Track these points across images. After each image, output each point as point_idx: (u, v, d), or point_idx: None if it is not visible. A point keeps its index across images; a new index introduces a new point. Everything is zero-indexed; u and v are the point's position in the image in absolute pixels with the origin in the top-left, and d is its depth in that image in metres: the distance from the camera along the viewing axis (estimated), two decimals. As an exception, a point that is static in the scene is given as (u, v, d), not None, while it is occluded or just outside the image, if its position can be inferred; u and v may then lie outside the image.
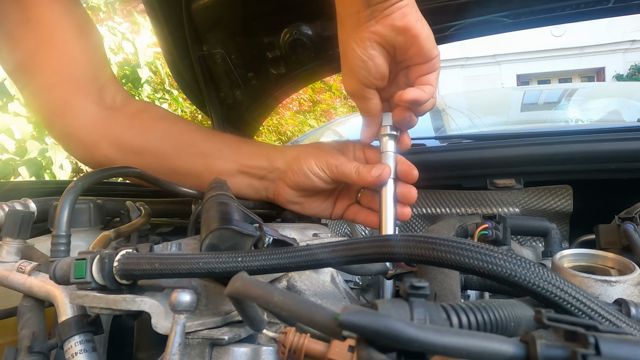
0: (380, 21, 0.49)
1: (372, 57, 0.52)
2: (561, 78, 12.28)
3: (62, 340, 0.39)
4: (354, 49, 0.52)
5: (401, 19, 0.49)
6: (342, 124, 2.43)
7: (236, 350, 0.36)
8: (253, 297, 0.26)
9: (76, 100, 0.66)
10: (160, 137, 0.67)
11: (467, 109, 1.88)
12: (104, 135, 0.66)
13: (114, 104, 0.69)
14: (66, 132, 0.68)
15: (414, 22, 0.50)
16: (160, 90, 4.57)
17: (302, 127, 5.64)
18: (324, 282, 0.48)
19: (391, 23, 0.49)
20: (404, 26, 0.49)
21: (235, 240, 0.39)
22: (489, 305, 0.27)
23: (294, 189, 0.63)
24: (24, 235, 0.49)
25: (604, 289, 0.40)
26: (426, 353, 0.21)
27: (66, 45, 0.65)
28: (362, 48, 0.51)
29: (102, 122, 0.66)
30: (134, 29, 3.88)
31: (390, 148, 0.58)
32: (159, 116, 0.70)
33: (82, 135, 0.67)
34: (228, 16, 1.04)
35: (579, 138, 0.80)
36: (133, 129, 0.67)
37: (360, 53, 0.52)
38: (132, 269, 0.36)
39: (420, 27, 0.50)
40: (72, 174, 3.20)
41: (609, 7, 0.89)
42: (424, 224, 0.90)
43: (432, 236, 0.31)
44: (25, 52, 0.64)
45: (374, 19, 0.49)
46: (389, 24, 0.49)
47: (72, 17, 0.66)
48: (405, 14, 0.49)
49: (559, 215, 0.82)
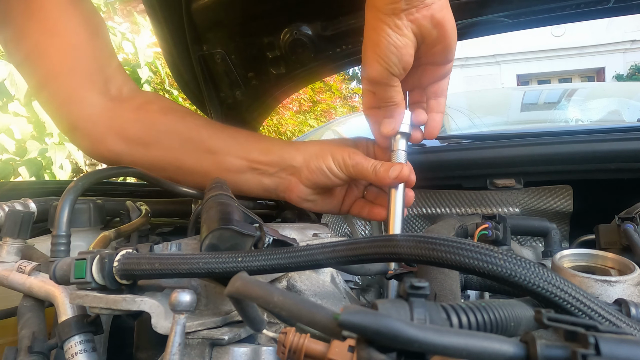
0: (421, 10, 0.49)
1: (406, 45, 0.51)
2: (561, 78, 12.28)
3: (62, 340, 0.39)
4: (389, 34, 0.50)
5: (440, 11, 0.49)
6: (342, 124, 2.43)
7: (236, 350, 0.36)
8: (253, 297, 0.26)
9: (82, 91, 0.65)
10: (166, 131, 0.66)
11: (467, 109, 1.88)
12: (110, 127, 0.66)
13: (120, 95, 0.68)
14: (73, 124, 0.67)
15: (450, 18, 0.50)
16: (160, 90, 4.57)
17: (302, 127, 5.64)
18: (324, 282, 0.48)
19: (431, 14, 0.49)
20: (441, 19, 0.50)
21: (235, 240, 0.39)
22: (489, 305, 0.27)
23: (309, 187, 0.62)
24: (24, 235, 0.49)
25: (604, 289, 0.40)
26: (426, 353, 0.21)
27: (71, 36, 0.65)
28: (398, 34, 0.50)
29: (108, 113, 0.66)
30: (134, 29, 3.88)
31: (400, 147, 0.58)
32: (166, 109, 0.69)
33: (89, 127, 0.66)
34: (228, 16, 1.04)
35: (579, 138, 0.80)
36: (139, 122, 0.66)
37: (395, 39, 0.50)
38: (132, 269, 0.36)
39: (453, 25, 0.51)
40: (72, 174, 3.20)
41: (609, 7, 0.89)
42: (424, 224, 0.90)
43: (432, 236, 0.31)
44: (31, 43, 0.64)
45: (415, 7, 0.49)
46: (428, 14, 0.49)
47: (78, 7, 0.66)
48: (442, 8, 0.50)
49: (559, 215, 0.82)
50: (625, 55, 11.74)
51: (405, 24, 0.50)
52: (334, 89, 6.12)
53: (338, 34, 1.01)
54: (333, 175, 0.59)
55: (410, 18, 0.49)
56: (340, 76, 6.39)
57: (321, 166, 0.59)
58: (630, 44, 11.58)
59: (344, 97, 7.01)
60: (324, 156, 0.59)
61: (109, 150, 0.66)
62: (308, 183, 0.61)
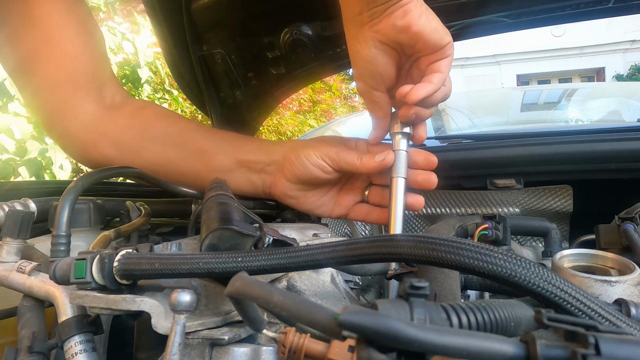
0: (383, 20, 0.49)
1: (376, 58, 0.51)
2: (561, 78, 12.28)
3: (62, 340, 0.39)
4: (358, 50, 0.51)
5: (402, 17, 0.49)
6: (342, 124, 2.43)
7: (236, 350, 0.36)
8: (253, 297, 0.26)
9: (76, 99, 0.65)
10: (159, 137, 0.66)
11: (467, 109, 1.88)
12: (103, 134, 0.66)
13: (114, 102, 0.69)
14: (65, 132, 0.68)
15: (416, 19, 0.49)
16: (160, 90, 4.57)
17: (302, 127, 5.64)
18: (324, 282, 0.48)
19: (393, 22, 0.49)
20: (405, 25, 0.49)
21: (235, 240, 0.39)
22: (489, 305, 0.27)
23: (290, 181, 0.61)
24: (24, 235, 0.49)
25: (604, 289, 0.40)
26: (426, 353, 0.21)
27: (67, 43, 0.65)
28: (365, 48, 0.51)
29: (101, 120, 0.66)
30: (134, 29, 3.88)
31: (401, 146, 0.56)
32: (159, 115, 0.69)
33: (81, 135, 0.66)
34: (228, 16, 1.04)
35: (579, 138, 0.80)
36: (132, 128, 0.67)
37: (364, 54, 0.51)
38: (132, 269, 0.36)
39: (424, 22, 0.49)
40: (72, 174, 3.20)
41: (609, 7, 0.89)
42: (424, 224, 0.90)
43: (432, 236, 0.31)
44: (26, 50, 0.64)
45: (377, 18, 0.49)
46: (390, 23, 0.49)
47: (75, 15, 0.66)
48: (407, 12, 0.48)
49: (559, 215, 0.82)
50: (625, 55, 11.74)
51: (371, 36, 0.50)
52: (334, 89, 6.13)
53: (338, 34, 1.01)
54: (314, 165, 0.58)
55: (374, 29, 0.50)
56: (340, 76, 6.40)
57: (300, 157, 0.59)
58: (630, 44, 11.58)
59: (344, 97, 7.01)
60: (305, 148, 0.59)
61: (101, 156, 0.66)
62: (289, 176, 0.60)
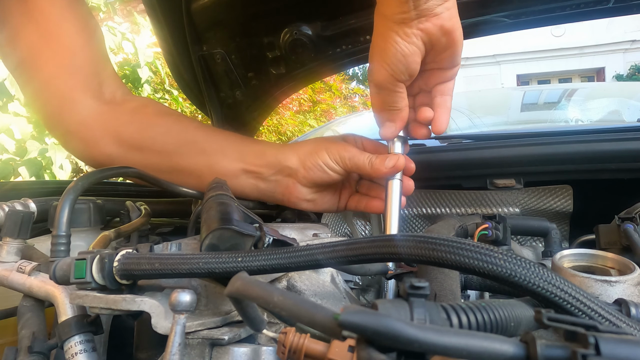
0: (431, 19, 0.49)
1: (414, 53, 0.51)
2: (561, 78, 12.28)
3: (62, 340, 0.39)
4: (397, 41, 0.51)
5: (449, 19, 0.50)
6: (342, 124, 2.43)
7: (236, 350, 0.36)
8: (253, 297, 0.26)
9: (76, 95, 0.65)
10: (161, 134, 0.66)
11: (467, 109, 1.88)
12: (105, 131, 0.66)
13: (114, 99, 0.68)
14: (67, 129, 0.68)
15: (459, 26, 0.51)
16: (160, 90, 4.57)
17: (302, 127, 5.64)
18: (324, 282, 0.48)
19: (441, 23, 0.49)
20: (450, 28, 0.50)
21: (235, 240, 0.39)
22: (489, 305, 0.27)
23: (307, 186, 0.62)
24: (24, 235, 0.49)
25: (604, 289, 0.40)
26: (426, 353, 0.21)
27: (68, 40, 0.65)
28: (406, 42, 0.51)
29: (102, 117, 0.66)
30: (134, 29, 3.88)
31: (398, 151, 0.59)
32: (161, 112, 0.69)
33: (83, 131, 0.66)
34: (228, 16, 1.04)
35: (579, 138, 0.80)
36: (134, 125, 0.67)
37: (403, 47, 0.51)
38: (132, 269, 0.36)
39: (461, 32, 0.51)
40: (72, 174, 3.20)
41: (609, 7, 0.89)
42: (424, 224, 0.90)
43: (432, 236, 0.31)
44: (27, 48, 0.64)
45: (425, 17, 0.49)
46: (439, 23, 0.49)
47: (75, 11, 0.66)
48: (452, 16, 0.50)
49: (559, 215, 0.82)
50: (625, 55, 11.74)
51: (415, 33, 0.50)
52: (334, 89, 6.13)
53: (338, 34, 1.01)
54: (330, 170, 0.60)
55: (420, 27, 0.50)
56: (340, 76, 6.40)
57: (318, 162, 0.60)
58: (630, 44, 11.58)
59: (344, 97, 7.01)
60: (319, 152, 0.60)
61: (103, 154, 0.66)
62: (306, 182, 0.61)
